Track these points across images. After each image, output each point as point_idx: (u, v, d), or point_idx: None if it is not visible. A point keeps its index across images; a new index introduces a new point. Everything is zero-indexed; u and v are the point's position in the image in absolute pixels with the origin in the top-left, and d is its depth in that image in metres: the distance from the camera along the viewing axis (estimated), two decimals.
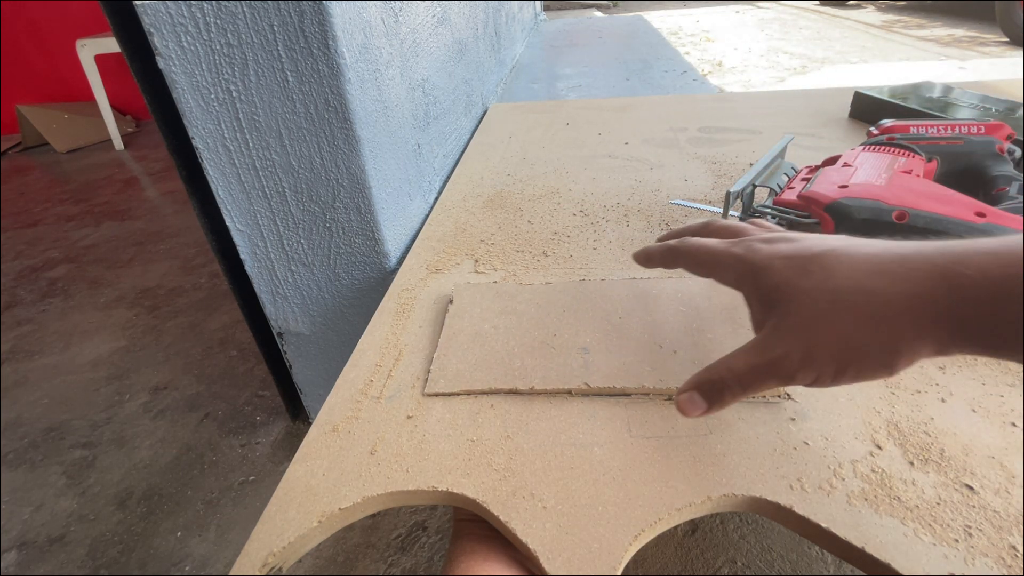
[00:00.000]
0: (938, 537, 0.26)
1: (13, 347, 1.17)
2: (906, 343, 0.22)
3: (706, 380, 0.27)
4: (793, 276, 0.25)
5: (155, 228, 1.69)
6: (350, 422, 0.35)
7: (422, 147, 0.71)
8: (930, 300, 0.22)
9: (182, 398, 0.98)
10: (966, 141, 0.51)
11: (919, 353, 0.23)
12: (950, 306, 0.21)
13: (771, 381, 0.26)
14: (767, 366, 0.25)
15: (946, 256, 0.22)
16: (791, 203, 0.46)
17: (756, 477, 0.29)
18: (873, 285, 0.23)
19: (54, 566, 0.71)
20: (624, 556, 0.26)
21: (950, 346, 0.22)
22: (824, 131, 0.80)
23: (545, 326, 0.41)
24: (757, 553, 0.62)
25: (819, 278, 0.24)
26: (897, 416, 0.33)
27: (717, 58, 3.08)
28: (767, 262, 0.27)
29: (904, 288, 0.22)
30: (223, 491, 0.79)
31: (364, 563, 0.67)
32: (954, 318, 0.21)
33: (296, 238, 0.61)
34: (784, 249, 0.27)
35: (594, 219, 0.60)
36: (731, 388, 0.27)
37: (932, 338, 0.22)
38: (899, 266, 0.23)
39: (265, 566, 0.27)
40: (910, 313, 0.22)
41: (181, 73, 0.51)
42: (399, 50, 0.63)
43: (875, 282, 0.23)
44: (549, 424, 0.34)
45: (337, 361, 0.72)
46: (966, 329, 0.21)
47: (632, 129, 0.88)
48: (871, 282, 0.23)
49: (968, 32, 3.33)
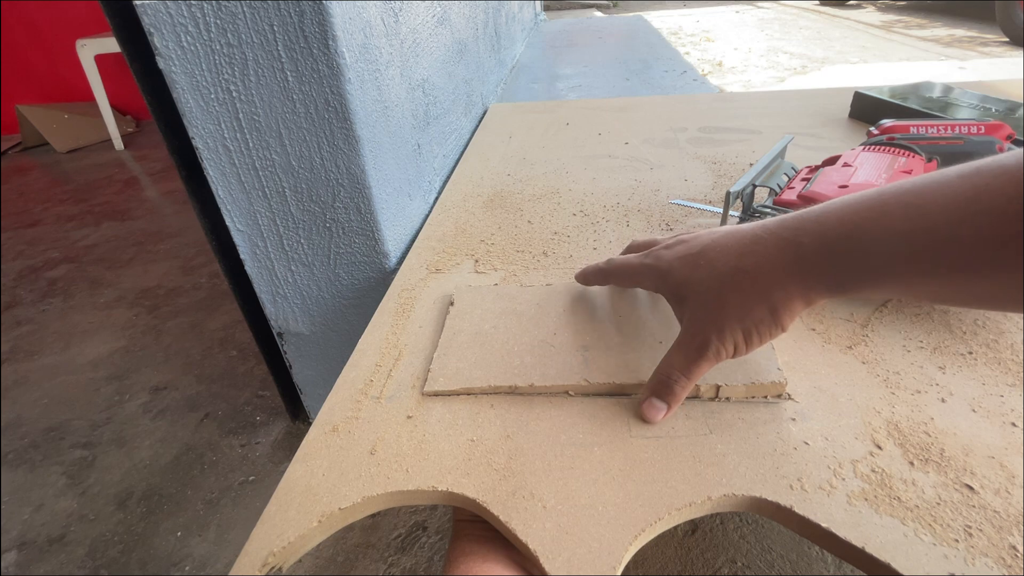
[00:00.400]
0: (938, 537, 0.26)
1: (13, 347, 1.17)
2: (779, 300, 0.28)
3: (657, 383, 0.32)
4: (689, 272, 0.31)
5: (155, 228, 1.69)
6: (350, 422, 0.35)
7: (422, 147, 0.71)
8: (782, 265, 0.27)
9: (182, 398, 0.98)
10: (966, 141, 0.51)
11: (792, 306, 0.28)
12: (799, 266, 0.27)
13: (705, 364, 0.30)
14: (696, 352, 0.30)
15: (787, 228, 0.28)
16: (791, 203, 0.46)
17: (756, 477, 0.29)
18: (743, 264, 0.28)
19: (54, 566, 0.71)
20: (624, 556, 0.26)
21: (811, 295, 0.27)
22: (824, 131, 0.80)
23: (545, 326, 0.41)
24: (757, 553, 0.62)
25: (706, 270, 0.30)
26: (897, 416, 0.33)
27: (717, 58, 3.08)
28: (668, 265, 0.32)
29: (763, 261, 0.28)
30: (223, 491, 0.79)
31: (364, 563, 0.67)
32: (804, 274, 0.27)
33: (296, 238, 0.61)
34: (679, 251, 0.32)
35: (594, 219, 0.60)
36: (678, 381, 0.31)
37: (796, 293, 0.27)
38: (756, 244, 0.28)
39: (265, 566, 0.27)
40: (772, 278, 0.28)
41: (181, 73, 0.51)
42: (399, 50, 0.63)
43: (744, 261, 0.28)
44: (549, 424, 0.34)
45: (337, 361, 0.72)
46: (814, 279, 0.27)
47: (632, 129, 0.88)
48: (741, 262, 0.29)
49: (968, 32, 3.33)
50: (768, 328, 0.29)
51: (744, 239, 0.29)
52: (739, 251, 0.29)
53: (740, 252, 0.29)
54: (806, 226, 0.27)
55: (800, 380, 0.35)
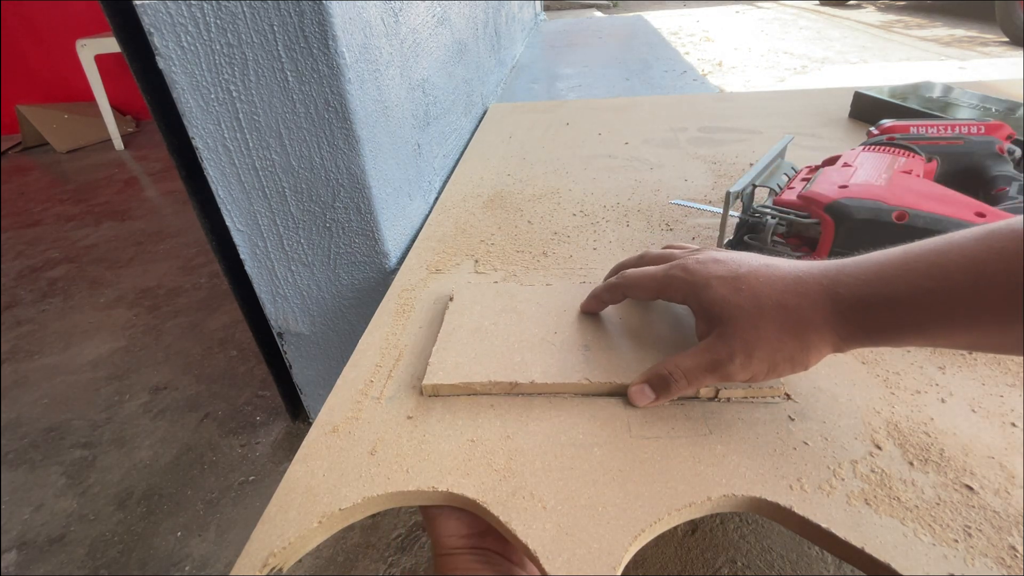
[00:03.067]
0: (938, 537, 0.26)
1: (13, 347, 1.17)
2: (813, 343, 0.29)
3: (655, 374, 0.34)
4: (728, 293, 0.31)
5: (155, 228, 1.69)
6: (350, 422, 0.35)
7: (422, 147, 0.71)
8: (822, 311, 0.28)
9: (182, 398, 0.98)
10: (966, 141, 0.51)
11: (822, 350, 0.29)
12: (834, 316, 0.28)
13: (711, 377, 0.32)
14: (710, 364, 0.31)
15: (827, 276, 0.29)
16: (791, 203, 0.46)
17: (756, 477, 0.29)
18: (787, 301, 0.29)
19: (54, 566, 0.71)
20: (624, 556, 0.26)
21: (842, 344, 0.29)
22: (824, 131, 0.80)
23: (545, 324, 0.41)
24: (757, 553, 0.62)
25: (748, 296, 0.30)
26: (897, 416, 0.33)
27: (717, 58, 3.08)
28: (705, 281, 0.32)
29: (805, 303, 0.29)
30: (223, 491, 0.79)
31: (364, 563, 0.67)
32: (838, 324, 0.28)
33: (296, 238, 0.61)
34: (716, 270, 0.33)
35: (594, 219, 0.60)
36: (677, 381, 0.32)
37: (829, 339, 0.29)
38: (800, 285, 0.30)
39: (265, 566, 0.27)
40: (812, 323, 0.29)
41: (181, 73, 0.51)
42: (399, 50, 0.63)
43: (787, 299, 0.29)
44: (549, 424, 0.34)
45: (337, 361, 0.72)
46: (847, 331, 0.28)
47: (632, 129, 0.88)
48: (784, 299, 0.29)
49: (968, 32, 3.33)
50: (792, 366, 0.30)
51: (787, 277, 0.30)
52: (783, 288, 0.30)
53: (784, 289, 0.30)
54: (843, 279, 0.28)
55: (800, 380, 0.35)
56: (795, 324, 0.29)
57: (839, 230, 0.42)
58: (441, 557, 0.31)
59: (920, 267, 0.26)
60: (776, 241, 0.46)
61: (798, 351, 0.29)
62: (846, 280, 0.28)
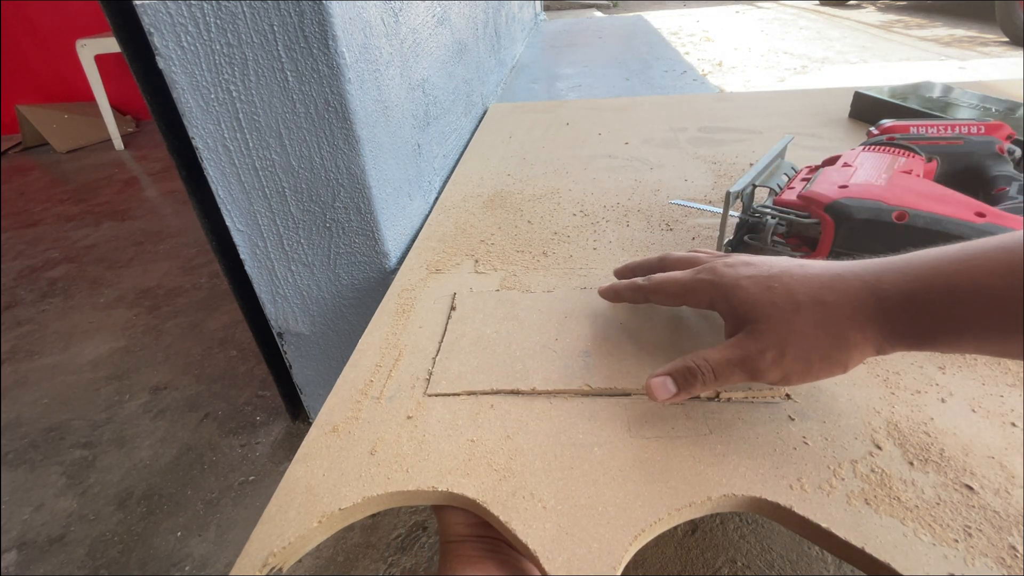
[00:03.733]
0: (938, 537, 0.26)
1: (13, 347, 1.17)
2: (854, 343, 0.27)
3: (681, 368, 0.31)
4: (759, 292, 0.30)
5: (155, 228, 1.69)
6: (350, 422, 0.35)
7: (422, 147, 0.71)
8: (863, 309, 0.27)
9: (182, 398, 0.98)
10: (966, 141, 0.51)
11: (865, 352, 0.27)
12: (877, 313, 0.26)
13: (741, 374, 0.29)
14: (740, 360, 0.29)
15: (870, 273, 0.27)
16: (791, 203, 0.46)
17: (756, 477, 0.29)
18: (824, 297, 0.28)
19: (54, 566, 0.71)
20: (624, 556, 0.26)
21: (885, 345, 0.27)
22: (824, 131, 0.80)
23: (547, 331, 0.41)
24: (757, 553, 0.62)
25: (782, 294, 0.29)
26: (897, 416, 0.33)
27: (717, 58, 3.08)
28: (735, 282, 0.31)
29: (845, 300, 0.27)
30: (223, 491, 0.79)
31: (364, 563, 0.67)
32: (883, 322, 0.26)
33: (296, 238, 0.61)
34: (746, 271, 0.31)
35: (594, 219, 0.60)
36: (704, 377, 0.30)
37: (871, 339, 0.27)
38: (839, 282, 0.28)
39: (265, 566, 0.27)
40: (853, 320, 0.27)
41: (181, 73, 0.51)
42: (399, 50, 0.63)
43: (825, 295, 0.28)
44: (549, 424, 0.34)
45: (337, 361, 0.72)
46: (892, 330, 0.26)
47: (632, 129, 0.88)
48: (822, 295, 0.28)
49: (968, 32, 3.33)
50: (830, 366, 0.28)
51: (824, 275, 0.28)
52: (820, 285, 0.28)
53: (821, 286, 0.28)
54: (889, 275, 0.27)
55: None
56: (834, 321, 0.27)
57: (839, 230, 0.42)
58: (447, 544, 0.31)
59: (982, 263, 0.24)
60: (776, 241, 0.46)
61: (836, 349, 0.27)
62: (893, 276, 0.26)
